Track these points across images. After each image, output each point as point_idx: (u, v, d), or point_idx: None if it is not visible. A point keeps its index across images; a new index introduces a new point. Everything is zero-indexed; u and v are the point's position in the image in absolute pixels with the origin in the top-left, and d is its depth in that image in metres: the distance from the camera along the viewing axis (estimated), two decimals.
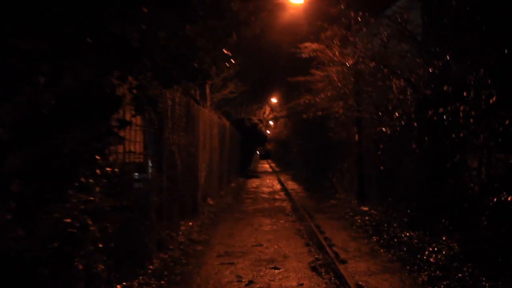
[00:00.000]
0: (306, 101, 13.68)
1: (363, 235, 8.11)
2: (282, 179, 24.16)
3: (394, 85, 7.66)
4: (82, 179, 3.32)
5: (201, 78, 4.13)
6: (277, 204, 13.73)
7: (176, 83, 4.41)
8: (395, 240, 7.07)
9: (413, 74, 7.34)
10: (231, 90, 16.26)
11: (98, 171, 3.46)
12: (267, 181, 24.64)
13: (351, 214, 10.32)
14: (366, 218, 9.24)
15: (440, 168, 6.67)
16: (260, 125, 34.33)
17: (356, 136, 12.07)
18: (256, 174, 31.00)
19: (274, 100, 33.60)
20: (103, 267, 3.73)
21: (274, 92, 31.18)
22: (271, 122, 40.08)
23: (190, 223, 9.30)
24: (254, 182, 23.33)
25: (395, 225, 7.87)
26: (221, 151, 16.11)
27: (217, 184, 14.77)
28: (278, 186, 20.43)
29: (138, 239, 5.86)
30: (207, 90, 16.08)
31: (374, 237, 7.68)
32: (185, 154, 10.47)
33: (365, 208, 10.51)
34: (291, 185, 20.29)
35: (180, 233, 8.31)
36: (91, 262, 3.49)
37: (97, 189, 3.42)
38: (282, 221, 10.24)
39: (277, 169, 39.81)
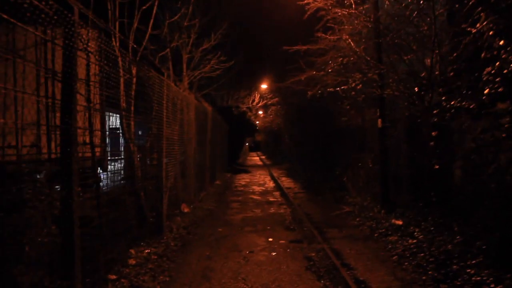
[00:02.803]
0: (311, 74, 10.49)
1: (418, 276, 5.02)
2: (275, 174, 21.06)
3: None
4: None
5: None
6: (272, 210, 10.63)
7: None
8: None
9: None
10: (212, 66, 13.00)
11: None
12: (258, 177, 21.52)
13: (381, 231, 7.24)
14: (410, 241, 6.18)
15: None
16: (249, 113, 31.19)
17: (379, 122, 8.97)
18: (245, 169, 27.94)
19: (264, 86, 30.21)
20: None
21: (264, 75, 27.81)
22: (260, 112, 36.81)
23: (147, 251, 6.17)
24: (243, 179, 20.19)
25: (471, 261, 4.81)
26: (201, 142, 12.93)
27: (196, 184, 11.61)
28: (271, 184, 17.31)
29: None
30: (184, 67, 12.84)
31: (442, 286, 4.60)
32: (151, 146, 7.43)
33: (398, 222, 7.46)
34: (286, 182, 17.17)
35: (125, 272, 5.19)
36: None
37: None
38: (282, 242, 7.14)
39: (268, 162, 36.76)
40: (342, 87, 9.05)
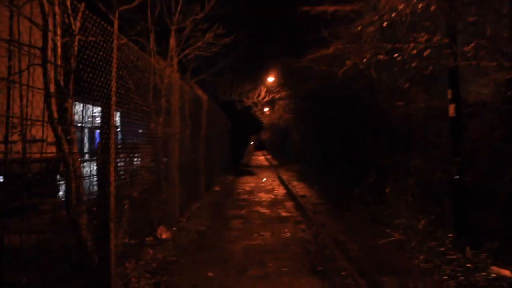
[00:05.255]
0: (340, 47, 7.51)
1: None
2: (284, 177, 18.04)
3: None
4: None
5: None
6: (287, 232, 7.65)
7: None
8: None
9: None
10: (208, 42, 10.05)
11: None
12: (265, 180, 18.53)
13: None
14: None
15: None
16: (255, 109, 28.23)
17: (451, 108, 5.97)
18: (249, 170, 25.03)
19: (271, 79, 27.04)
20: None
21: (272, 66, 24.58)
22: (266, 109, 33.68)
23: None
24: (247, 183, 17.21)
25: None
26: (193, 139, 9.98)
27: (183, 195, 8.63)
28: (281, 190, 14.30)
29: None
30: (172, 42, 9.86)
31: None
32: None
33: (505, 272, 4.48)
34: (299, 188, 14.13)
35: None
36: None
37: None
38: None
39: (274, 162, 33.75)
40: (395, 55, 6.03)
